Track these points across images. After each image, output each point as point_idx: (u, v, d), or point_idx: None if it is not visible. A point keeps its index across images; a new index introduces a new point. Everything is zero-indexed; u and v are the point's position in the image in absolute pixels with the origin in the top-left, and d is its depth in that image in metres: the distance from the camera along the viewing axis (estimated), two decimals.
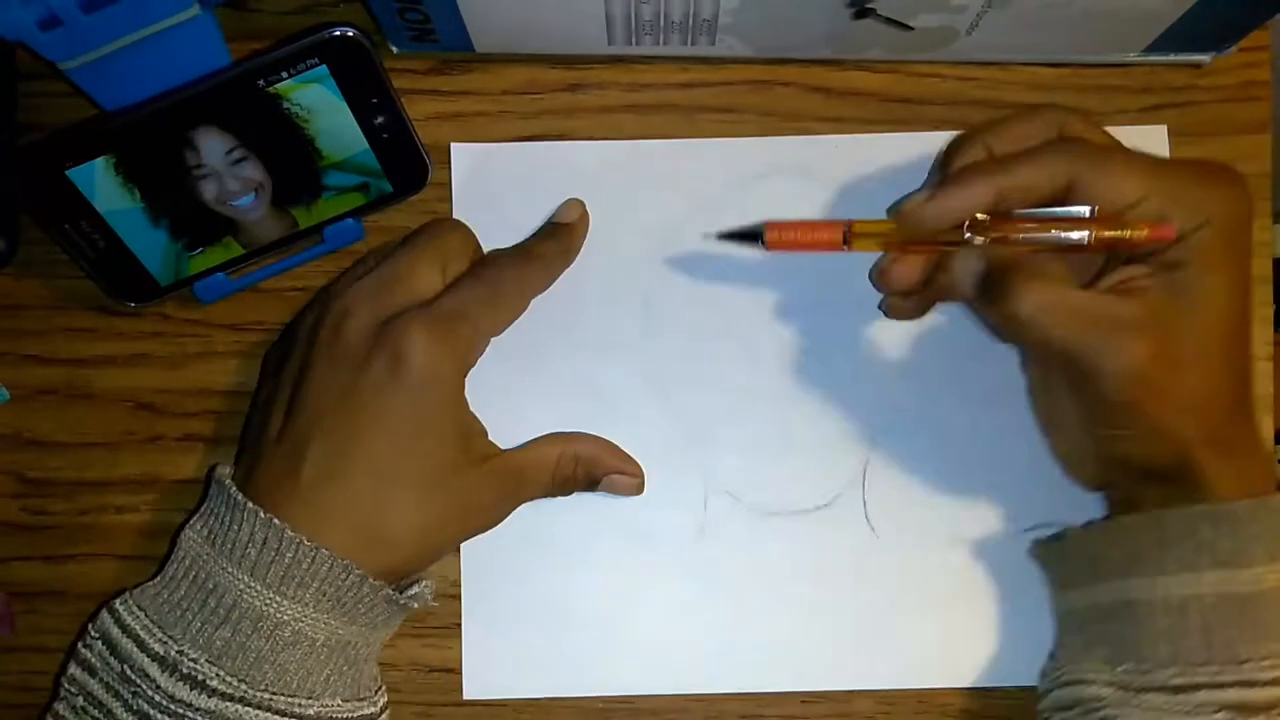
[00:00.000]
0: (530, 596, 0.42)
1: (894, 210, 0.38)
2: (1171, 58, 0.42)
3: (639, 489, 0.42)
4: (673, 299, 0.43)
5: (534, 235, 0.42)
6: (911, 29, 0.40)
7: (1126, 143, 0.42)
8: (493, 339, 0.39)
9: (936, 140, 0.43)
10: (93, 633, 0.36)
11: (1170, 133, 0.43)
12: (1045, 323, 0.35)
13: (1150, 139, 0.43)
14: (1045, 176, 0.36)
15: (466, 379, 0.38)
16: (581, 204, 0.42)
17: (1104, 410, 0.36)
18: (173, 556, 0.37)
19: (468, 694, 0.42)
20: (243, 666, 0.35)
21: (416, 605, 0.38)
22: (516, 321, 0.40)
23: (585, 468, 0.41)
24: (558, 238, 0.42)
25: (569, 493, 0.41)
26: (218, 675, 0.34)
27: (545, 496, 0.41)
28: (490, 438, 0.40)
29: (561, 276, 0.42)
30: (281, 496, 0.36)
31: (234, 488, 0.36)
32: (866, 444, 0.42)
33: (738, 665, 0.42)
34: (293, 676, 0.35)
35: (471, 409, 0.39)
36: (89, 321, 0.43)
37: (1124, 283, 0.36)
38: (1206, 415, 0.36)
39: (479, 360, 0.39)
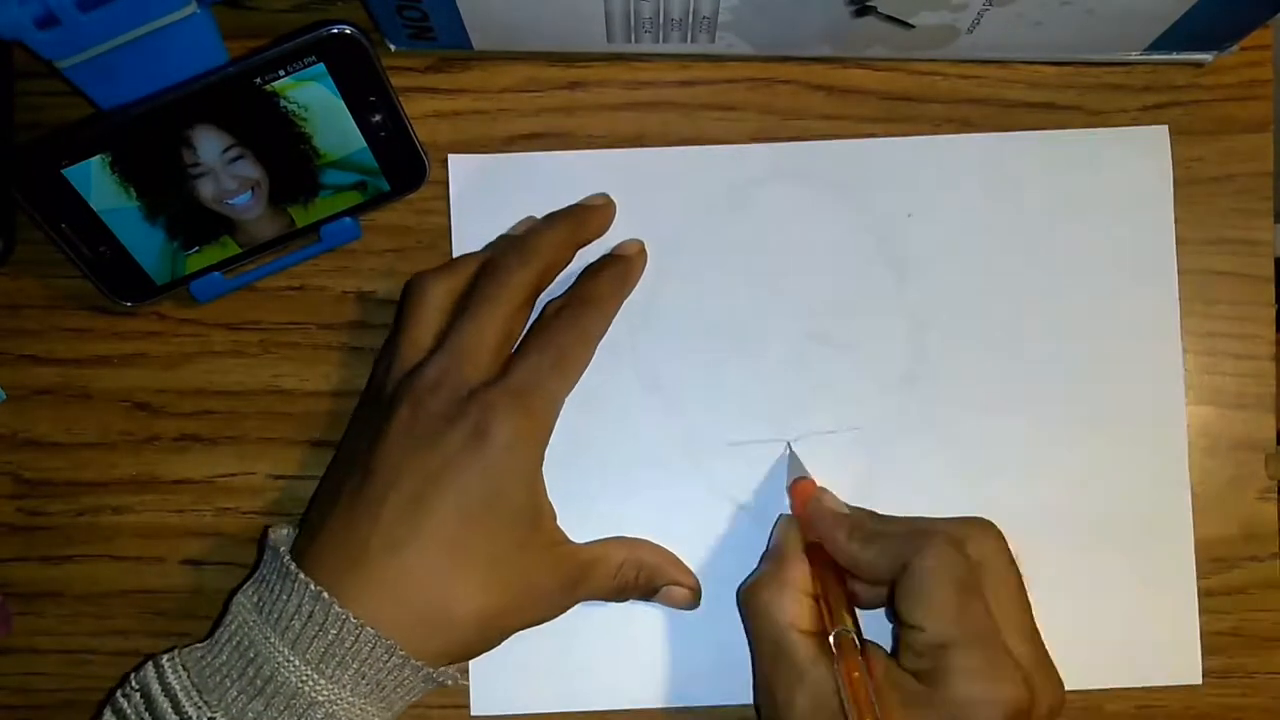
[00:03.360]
0: None
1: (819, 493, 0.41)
2: (1173, 56, 0.42)
3: (695, 603, 0.42)
4: (672, 307, 0.43)
5: (586, 271, 0.42)
6: (912, 27, 0.40)
7: (1128, 145, 0.42)
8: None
9: (934, 144, 0.43)
10: (133, 683, 0.36)
11: (1172, 132, 0.43)
12: (753, 622, 0.38)
13: (1151, 141, 0.43)
14: (875, 567, 0.37)
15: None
16: (641, 243, 0.42)
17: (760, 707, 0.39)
18: (223, 621, 0.37)
19: (475, 710, 0.42)
20: None
21: (449, 684, 0.37)
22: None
23: (647, 575, 0.41)
24: (613, 274, 0.41)
25: (626, 599, 0.41)
26: None
27: (602, 599, 0.41)
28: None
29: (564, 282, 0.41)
30: (345, 565, 0.35)
31: (287, 555, 0.36)
32: (867, 453, 0.42)
33: (748, 677, 0.42)
34: None
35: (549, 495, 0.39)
36: (85, 321, 0.43)
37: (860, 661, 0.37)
38: None
39: None
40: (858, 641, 0.36)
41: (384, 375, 0.39)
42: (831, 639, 0.37)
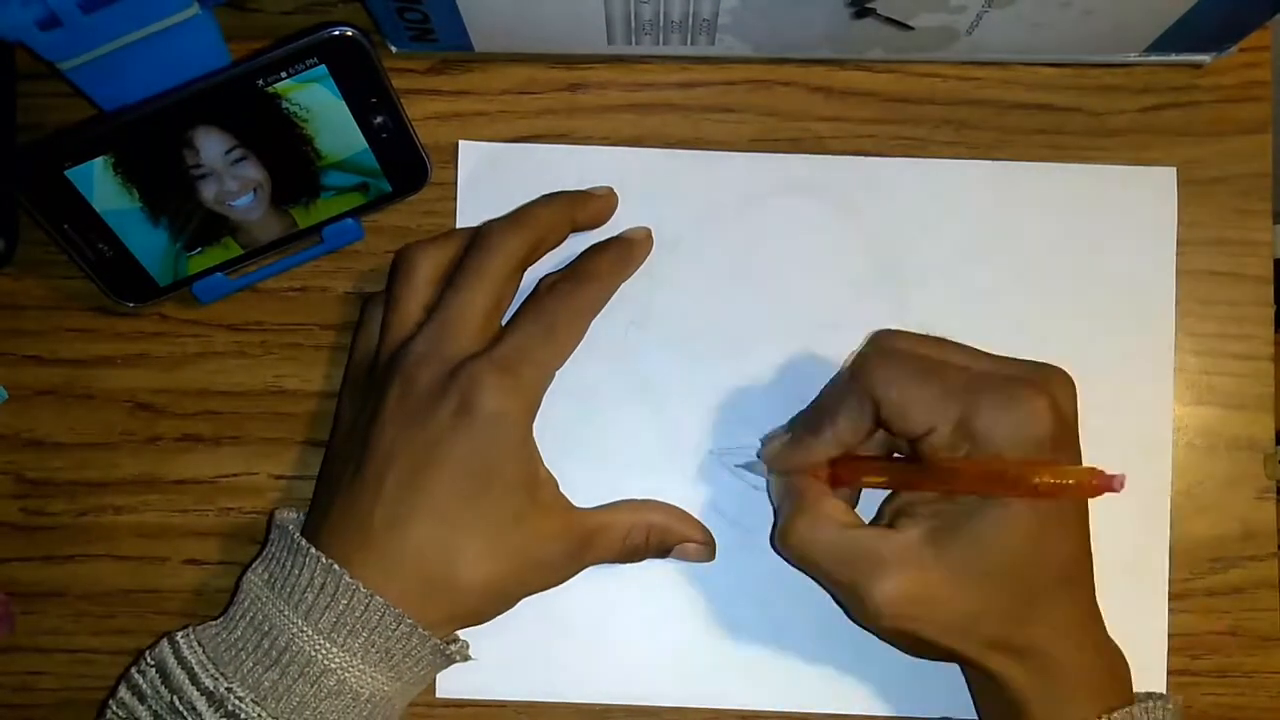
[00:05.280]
0: None
1: (766, 442, 0.41)
2: (1172, 58, 0.42)
3: (710, 555, 0.42)
4: (668, 309, 0.43)
5: (588, 249, 0.42)
6: (911, 29, 0.40)
7: (1135, 185, 0.42)
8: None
9: (944, 167, 0.43)
10: (148, 659, 0.36)
11: (1170, 133, 0.43)
12: (805, 557, 0.38)
13: (1158, 182, 0.43)
14: (854, 423, 0.38)
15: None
16: (648, 230, 0.42)
17: (875, 632, 0.38)
18: (235, 599, 0.37)
19: (440, 693, 0.42)
20: (285, 710, 0.35)
21: (458, 659, 0.38)
22: None
23: (658, 537, 0.41)
24: (614, 252, 0.41)
25: (637, 560, 0.41)
26: (259, 716, 0.34)
27: (612, 562, 0.41)
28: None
29: None
30: (353, 544, 0.36)
31: (296, 532, 0.37)
32: None
33: (721, 680, 0.42)
34: None
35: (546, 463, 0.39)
36: (88, 322, 0.43)
37: (903, 509, 0.38)
38: (978, 632, 0.36)
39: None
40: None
41: (375, 347, 0.40)
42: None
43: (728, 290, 0.43)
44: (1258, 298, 0.43)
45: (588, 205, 0.42)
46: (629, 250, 0.42)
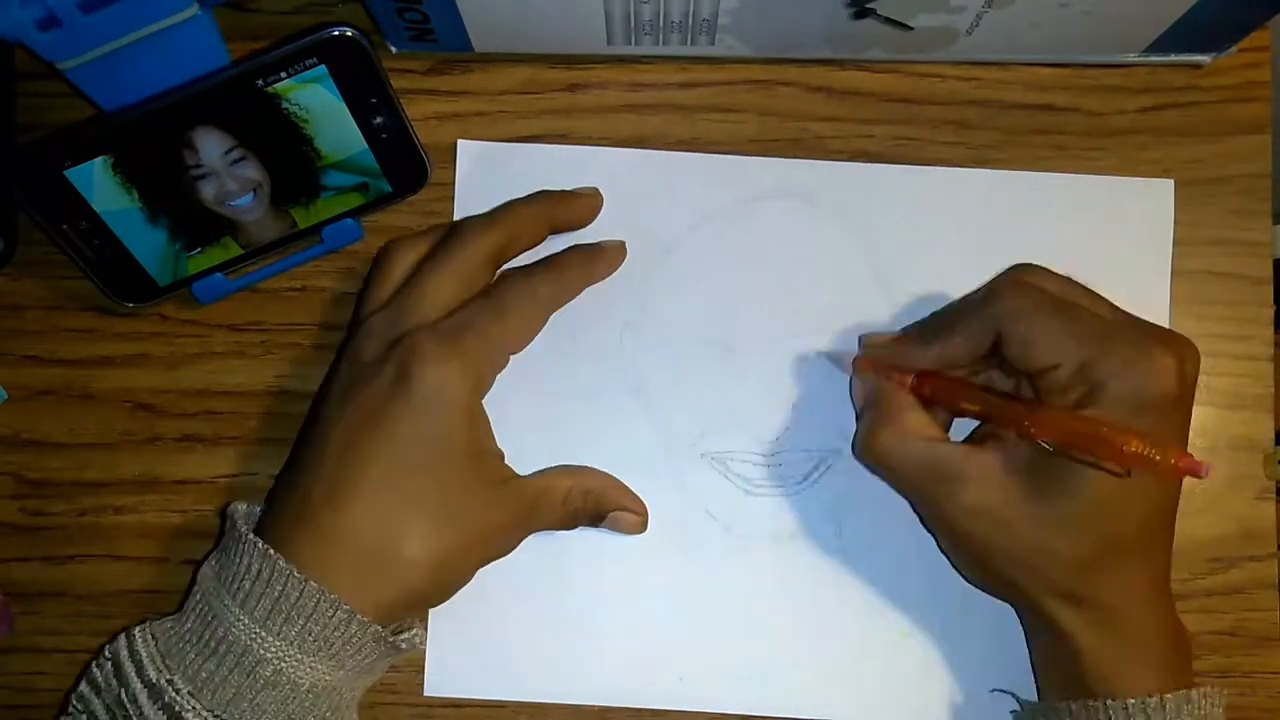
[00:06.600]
0: (501, 599, 0.42)
1: (866, 338, 0.42)
2: (1172, 58, 0.42)
3: (642, 527, 0.42)
4: (663, 311, 0.43)
5: (559, 251, 0.41)
6: (911, 29, 0.40)
7: (1133, 196, 0.43)
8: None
9: (942, 175, 0.43)
10: (106, 654, 0.36)
11: (1170, 133, 0.43)
12: (888, 465, 0.38)
13: (1156, 194, 0.43)
14: (971, 344, 0.38)
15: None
16: (622, 242, 0.42)
17: (944, 546, 0.39)
18: (191, 591, 0.37)
19: (428, 690, 0.42)
20: (221, 701, 0.34)
21: (405, 648, 0.37)
22: None
23: (593, 501, 0.41)
24: (580, 252, 0.41)
25: (575, 526, 0.41)
26: (194, 708, 0.34)
27: (554, 528, 0.41)
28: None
29: None
30: (292, 521, 0.36)
31: (241, 522, 0.37)
32: (843, 476, 0.42)
33: (716, 685, 0.42)
34: (271, 717, 0.35)
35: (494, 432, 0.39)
36: (87, 322, 0.43)
37: (992, 433, 0.38)
38: (1046, 574, 0.36)
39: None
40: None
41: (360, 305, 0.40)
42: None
43: (723, 293, 0.43)
44: (1257, 298, 0.43)
45: (568, 205, 0.42)
46: (596, 252, 0.42)
